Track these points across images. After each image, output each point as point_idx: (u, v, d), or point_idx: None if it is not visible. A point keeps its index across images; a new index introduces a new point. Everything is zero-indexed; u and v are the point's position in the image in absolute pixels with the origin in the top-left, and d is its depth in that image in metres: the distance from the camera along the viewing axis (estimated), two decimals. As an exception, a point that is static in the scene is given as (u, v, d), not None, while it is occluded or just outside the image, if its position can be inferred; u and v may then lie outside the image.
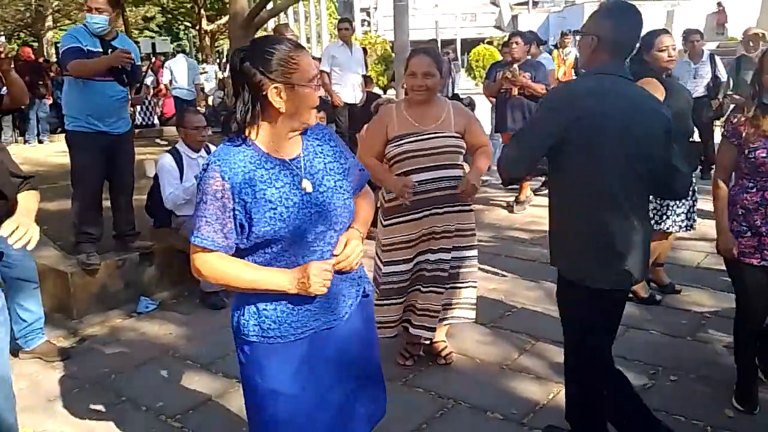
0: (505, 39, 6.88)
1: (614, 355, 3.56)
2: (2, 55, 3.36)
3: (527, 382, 3.37)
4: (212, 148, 4.60)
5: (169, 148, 5.31)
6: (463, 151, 3.33)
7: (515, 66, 6.38)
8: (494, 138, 7.62)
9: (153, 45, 15.52)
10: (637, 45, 2.48)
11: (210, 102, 14.82)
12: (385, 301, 3.37)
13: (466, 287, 3.47)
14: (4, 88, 3.55)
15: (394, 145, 3.23)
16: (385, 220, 3.38)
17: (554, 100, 2.50)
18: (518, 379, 3.39)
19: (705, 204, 6.67)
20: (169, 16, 23.97)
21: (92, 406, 3.31)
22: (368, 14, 47.24)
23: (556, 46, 10.63)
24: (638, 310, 4.24)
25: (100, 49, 4.30)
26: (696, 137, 4.61)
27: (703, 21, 19.70)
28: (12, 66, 3.45)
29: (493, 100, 7.19)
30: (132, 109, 12.88)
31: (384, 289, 3.36)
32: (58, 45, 4.29)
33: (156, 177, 4.90)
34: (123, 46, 4.39)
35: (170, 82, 11.83)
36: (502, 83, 6.47)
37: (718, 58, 7.59)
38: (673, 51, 3.94)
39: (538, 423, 2.99)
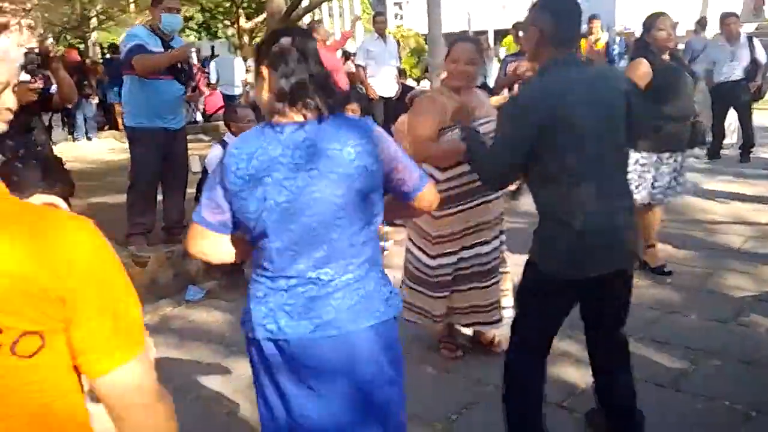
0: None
1: (652, 339, 3.61)
2: (52, 55, 3.50)
3: (566, 366, 3.40)
4: None
5: (212, 142, 5.44)
6: None
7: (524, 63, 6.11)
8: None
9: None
10: (579, 32, 2.52)
11: (249, 98, 15.03)
12: (434, 294, 3.37)
13: (506, 273, 3.52)
14: (54, 86, 3.69)
15: (451, 132, 3.12)
16: (435, 211, 3.27)
17: (522, 102, 2.46)
18: (558, 364, 3.40)
19: (745, 187, 6.60)
20: (208, 15, 24.26)
21: (145, 391, 3.44)
22: (400, 7, 47.05)
23: (583, 35, 9.53)
24: (677, 294, 4.23)
25: (162, 49, 4.47)
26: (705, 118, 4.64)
27: (740, 4, 19.17)
28: (60, 64, 3.59)
29: None
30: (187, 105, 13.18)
31: (433, 282, 3.36)
32: (121, 44, 4.50)
33: (205, 170, 5.06)
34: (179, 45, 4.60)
35: (217, 80, 12.04)
36: (512, 78, 6.23)
37: (756, 41, 7.43)
38: (671, 30, 4.18)
39: (577, 407, 3.02)
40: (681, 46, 8.91)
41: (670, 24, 4.21)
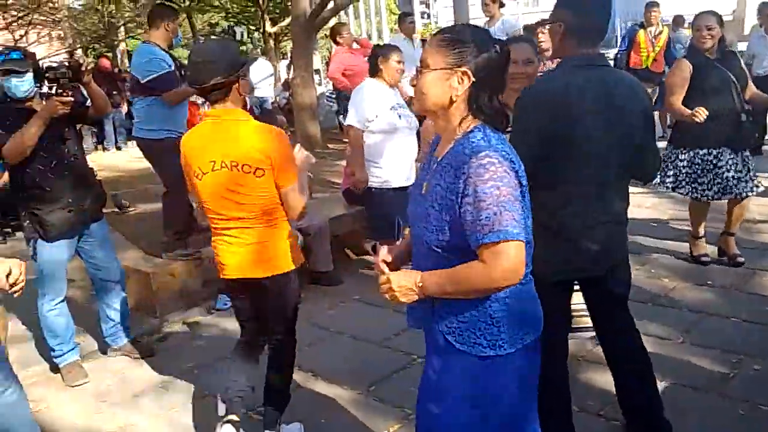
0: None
1: (692, 343, 3.51)
2: (83, 68, 3.53)
3: (603, 373, 3.31)
4: None
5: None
6: None
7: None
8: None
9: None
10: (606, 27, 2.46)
11: (276, 102, 15.08)
12: None
13: None
14: (87, 99, 3.73)
15: None
16: None
17: (527, 100, 2.37)
18: (594, 371, 3.33)
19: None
20: (234, 21, 24.54)
21: (176, 401, 3.46)
22: (427, 6, 47.05)
23: (641, 26, 8.11)
24: (717, 296, 4.12)
25: (173, 63, 4.58)
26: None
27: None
28: (91, 76, 3.62)
29: None
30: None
31: None
32: (140, 68, 4.51)
33: None
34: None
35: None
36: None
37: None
38: (706, 31, 4.28)
39: (614, 415, 2.95)
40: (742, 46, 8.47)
41: (705, 24, 4.29)
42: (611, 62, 5.47)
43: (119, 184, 7.79)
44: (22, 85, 3.36)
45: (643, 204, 6.07)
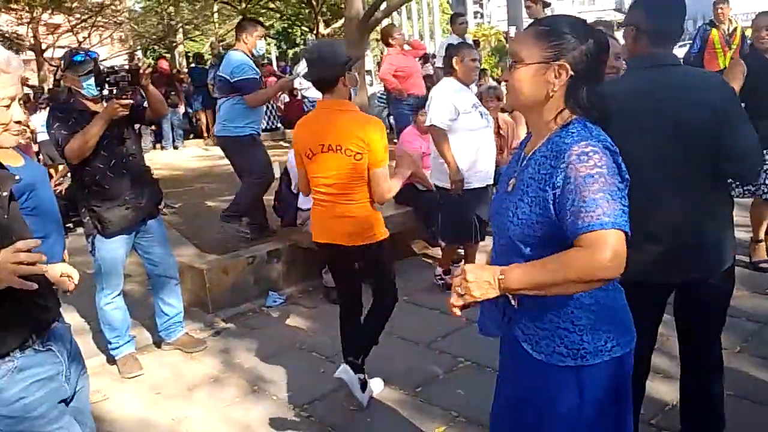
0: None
1: (751, 353, 3.39)
2: (141, 71, 3.64)
3: (656, 381, 3.23)
4: None
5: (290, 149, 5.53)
6: None
7: None
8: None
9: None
10: (682, 29, 2.39)
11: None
12: None
13: None
14: (145, 101, 3.84)
15: None
16: None
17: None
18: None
19: None
20: (288, 23, 24.85)
21: (228, 395, 3.54)
22: (481, 5, 46.71)
23: (711, 24, 7.61)
24: (778, 306, 3.97)
25: (258, 71, 5.15)
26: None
27: None
28: (149, 80, 3.73)
29: None
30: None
31: None
32: (232, 70, 4.98)
33: (281, 177, 5.17)
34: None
35: (300, 84, 12.26)
36: None
37: None
38: (765, 31, 4.30)
39: (667, 424, 2.88)
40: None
41: (765, 24, 4.34)
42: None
43: (176, 183, 7.97)
44: (93, 85, 3.54)
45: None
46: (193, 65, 14.06)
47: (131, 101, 3.55)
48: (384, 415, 3.21)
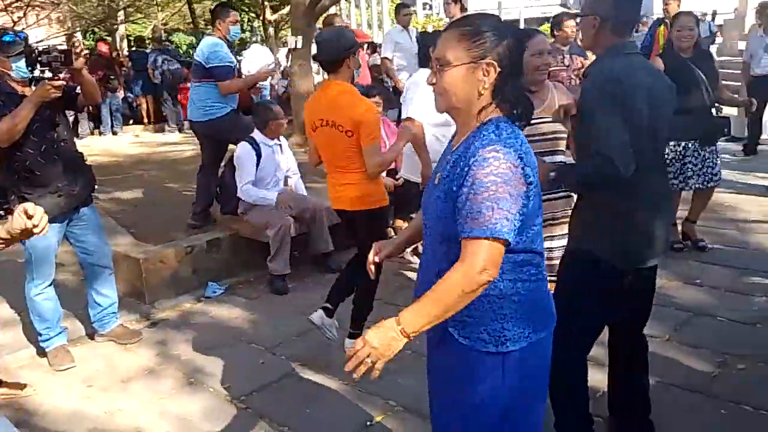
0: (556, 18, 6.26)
1: (680, 342, 3.52)
2: (76, 52, 3.51)
3: (591, 369, 3.31)
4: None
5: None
6: (565, 137, 3.09)
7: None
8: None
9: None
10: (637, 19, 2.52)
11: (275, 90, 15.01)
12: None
13: None
14: (78, 87, 3.70)
15: None
16: None
17: (602, 89, 2.30)
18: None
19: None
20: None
21: (163, 387, 3.47)
22: (431, -3, 46.81)
23: (660, 21, 7.98)
24: (707, 295, 4.12)
25: (233, 57, 5.24)
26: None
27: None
28: (85, 64, 3.60)
29: None
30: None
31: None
32: (206, 55, 5.09)
33: (226, 165, 5.09)
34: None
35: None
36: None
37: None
38: (688, 31, 4.58)
39: (599, 410, 2.95)
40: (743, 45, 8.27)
41: (685, 25, 4.59)
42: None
43: (114, 169, 7.75)
44: (23, 67, 3.40)
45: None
46: (134, 49, 13.65)
47: (64, 83, 3.43)
48: (323, 405, 3.21)
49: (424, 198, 1.84)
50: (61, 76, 3.45)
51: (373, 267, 2.06)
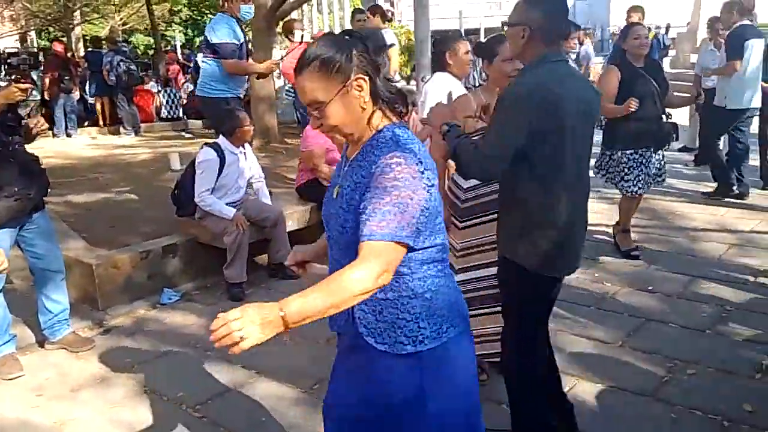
0: None
1: (632, 348, 3.60)
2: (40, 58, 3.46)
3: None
4: None
5: (193, 140, 5.41)
6: None
7: None
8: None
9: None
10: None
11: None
12: (481, 310, 3.16)
13: None
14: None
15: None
16: (461, 222, 3.17)
17: (517, 94, 2.37)
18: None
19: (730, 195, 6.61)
20: (195, 10, 24.15)
21: (116, 396, 3.39)
22: (392, 4, 47.00)
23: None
24: (657, 302, 4.22)
25: (242, 34, 5.48)
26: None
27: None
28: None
29: None
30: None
31: (473, 296, 3.11)
32: (214, 30, 5.33)
33: (186, 168, 4.99)
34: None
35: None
36: None
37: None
38: (645, 39, 4.79)
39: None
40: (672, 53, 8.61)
41: (643, 33, 4.79)
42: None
43: (68, 172, 7.58)
44: None
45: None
46: (90, 49, 13.38)
47: (31, 86, 3.38)
48: (279, 413, 3.18)
49: (325, 212, 1.84)
50: (27, 79, 3.40)
51: (295, 268, 2.10)
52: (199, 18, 29.58)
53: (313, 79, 1.64)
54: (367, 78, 1.66)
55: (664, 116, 4.84)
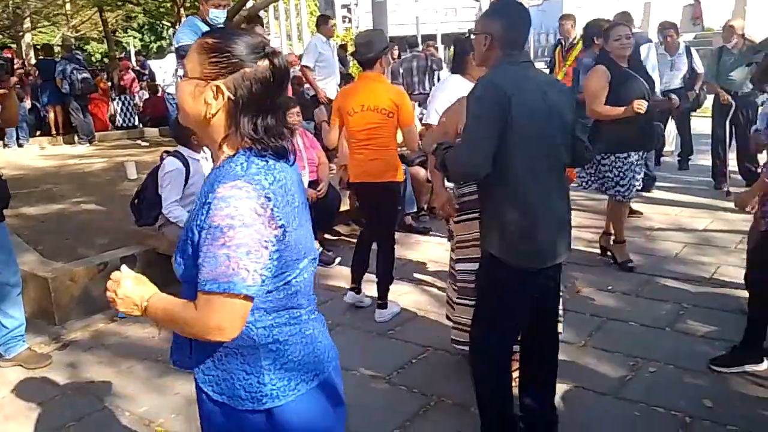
0: None
1: (594, 347, 3.65)
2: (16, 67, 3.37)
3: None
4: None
5: (150, 149, 5.30)
6: None
7: None
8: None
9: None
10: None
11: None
12: (464, 300, 3.27)
13: None
14: None
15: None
16: (456, 217, 3.36)
17: (486, 92, 2.46)
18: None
19: (684, 194, 6.78)
20: (150, 16, 23.79)
21: (74, 413, 3.30)
22: (349, 10, 47.11)
23: (558, 43, 7.98)
24: (617, 301, 4.29)
25: None
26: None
27: (679, 13, 19.86)
28: (16, 84, 3.45)
29: None
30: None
31: (461, 287, 3.31)
32: (179, 33, 5.23)
33: (148, 177, 4.82)
34: None
35: (163, 80, 11.79)
36: None
37: (694, 50, 7.62)
38: (626, 39, 4.60)
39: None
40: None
41: (624, 34, 4.62)
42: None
43: (20, 184, 7.36)
44: None
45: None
46: (41, 57, 13.04)
47: (5, 91, 3.26)
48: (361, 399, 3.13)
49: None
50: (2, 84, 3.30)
51: None
52: (156, 23, 29.13)
53: (196, 49, 1.45)
54: (229, 96, 1.41)
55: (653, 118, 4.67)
